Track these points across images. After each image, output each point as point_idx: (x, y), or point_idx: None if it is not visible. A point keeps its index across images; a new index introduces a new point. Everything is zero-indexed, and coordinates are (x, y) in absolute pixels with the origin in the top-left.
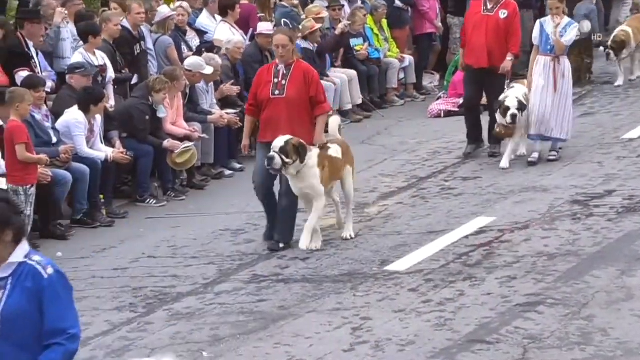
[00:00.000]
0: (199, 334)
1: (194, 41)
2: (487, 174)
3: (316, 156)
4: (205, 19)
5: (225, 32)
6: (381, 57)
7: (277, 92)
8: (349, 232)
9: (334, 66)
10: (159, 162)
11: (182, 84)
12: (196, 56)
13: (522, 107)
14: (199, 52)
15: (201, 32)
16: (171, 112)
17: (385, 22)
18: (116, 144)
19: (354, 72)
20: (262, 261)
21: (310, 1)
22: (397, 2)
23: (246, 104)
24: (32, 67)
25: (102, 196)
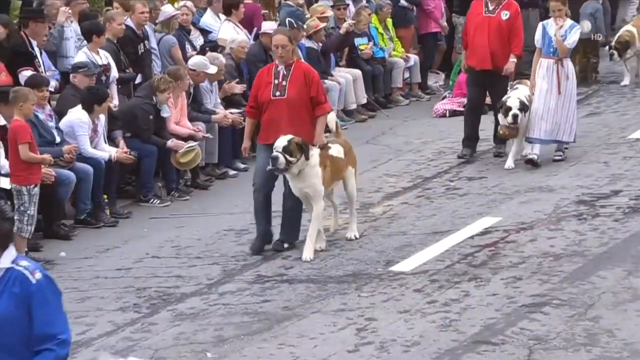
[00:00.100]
0: (203, 335)
1: (198, 40)
2: (492, 174)
3: (317, 156)
4: (209, 18)
5: (229, 31)
6: (386, 57)
7: (278, 94)
8: (353, 233)
9: (338, 65)
10: (163, 162)
11: (186, 84)
12: (200, 55)
13: (524, 107)
14: (202, 52)
15: (205, 32)
16: (175, 111)
17: (390, 21)
18: (120, 144)
19: (358, 72)
20: (266, 261)
21: (315, 0)
22: (402, 1)
23: (246, 106)
24: (35, 66)
25: (105, 196)
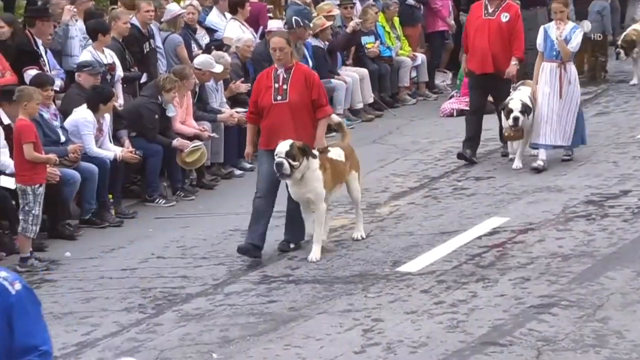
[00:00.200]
0: (209, 335)
1: (204, 39)
2: (500, 174)
3: (317, 159)
4: (215, 17)
5: (235, 30)
6: (393, 56)
7: (279, 98)
8: (359, 233)
9: (345, 64)
10: (168, 162)
11: (191, 83)
12: (206, 54)
13: (526, 109)
14: (208, 50)
15: (211, 30)
16: (180, 111)
17: (397, 19)
18: (125, 143)
19: (365, 71)
20: (272, 262)
21: None
22: None
23: (247, 112)
24: (41, 65)
25: (110, 196)
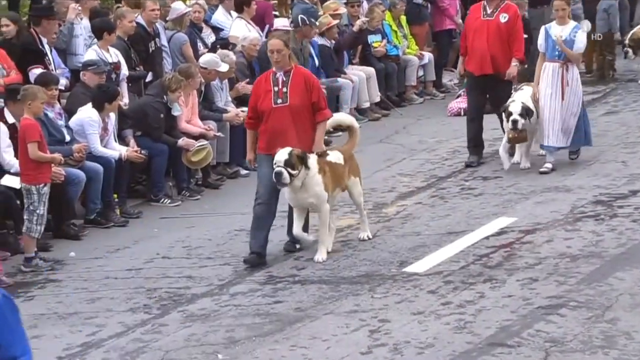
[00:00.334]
0: (214, 336)
1: (210, 38)
2: (508, 173)
3: (315, 163)
4: (220, 16)
5: (241, 29)
6: (400, 54)
7: (279, 101)
8: (366, 233)
9: (351, 63)
10: (174, 161)
11: (197, 82)
12: (211, 53)
13: (527, 111)
14: (213, 49)
15: (217, 29)
16: (186, 110)
17: (404, 18)
18: (130, 143)
19: (372, 70)
20: (278, 262)
21: None
22: None
23: (246, 118)
24: (46, 64)
25: (116, 195)
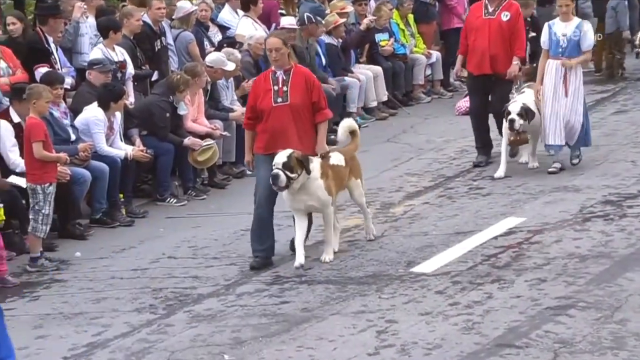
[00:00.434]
0: (220, 337)
1: (217, 37)
2: (516, 173)
3: (319, 167)
4: (227, 14)
5: (247, 27)
6: (407, 53)
7: (279, 100)
8: (371, 233)
9: (358, 62)
10: (180, 161)
11: (203, 81)
12: (217, 52)
13: (526, 112)
14: (220, 48)
15: (224, 28)
16: (192, 109)
17: (411, 17)
18: (136, 142)
19: (379, 69)
20: (285, 262)
21: None
22: None
23: (244, 119)
24: (52, 63)
25: (121, 195)
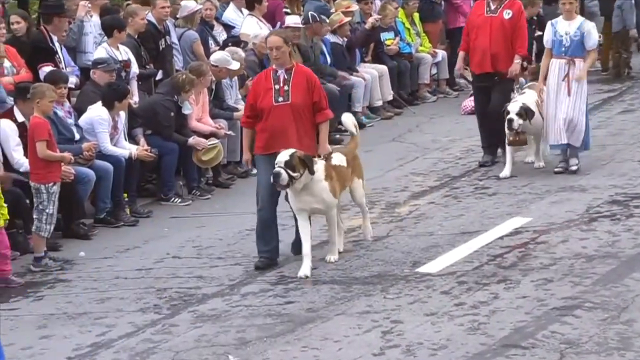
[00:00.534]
0: (225, 337)
1: (222, 36)
2: (522, 173)
3: (323, 169)
4: (231, 13)
5: (252, 26)
6: (413, 52)
7: (280, 99)
8: (369, 233)
9: (364, 61)
10: (184, 160)
11: (208, 80)
12: (222, 51)
13: (526, 112)
14: (224, 47)
15: (228, 27)
16: (196, 108)
17: (417, 15)
18: (140, 142)
19: (384, 68)
20: (289, 262)
21: None
22: None
23: (242, 117)
24: (56, 62)
25: (125, 195)
